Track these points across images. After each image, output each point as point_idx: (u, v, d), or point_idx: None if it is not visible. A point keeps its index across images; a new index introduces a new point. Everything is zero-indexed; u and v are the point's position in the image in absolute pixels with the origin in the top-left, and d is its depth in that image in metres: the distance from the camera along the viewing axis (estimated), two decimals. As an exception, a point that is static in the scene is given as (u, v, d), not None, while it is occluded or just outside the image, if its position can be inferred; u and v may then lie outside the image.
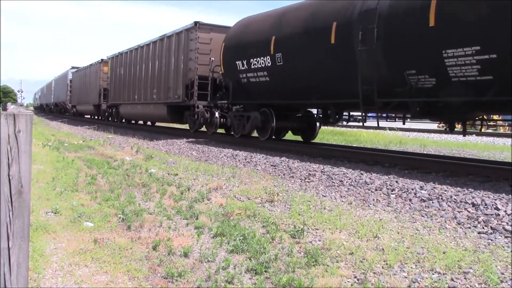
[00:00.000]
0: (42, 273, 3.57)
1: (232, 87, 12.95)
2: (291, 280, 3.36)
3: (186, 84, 16.02)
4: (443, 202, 5.46)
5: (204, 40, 15.47)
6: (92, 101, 30.52)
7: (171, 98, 17.22)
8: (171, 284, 3.50)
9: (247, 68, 11.97)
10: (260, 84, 11.74)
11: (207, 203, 5.99)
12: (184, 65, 16.19)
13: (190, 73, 15.79)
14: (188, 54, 16.02)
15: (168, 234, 4.66)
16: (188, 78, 15.92)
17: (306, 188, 6.85)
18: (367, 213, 5.26)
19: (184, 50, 16.26)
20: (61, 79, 43.81)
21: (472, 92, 7.04)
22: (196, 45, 15.44)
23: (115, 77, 25.34)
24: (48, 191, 6.65)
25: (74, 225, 4.93)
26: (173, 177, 7.96)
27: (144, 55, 20.58)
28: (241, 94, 12.79)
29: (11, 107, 74.38)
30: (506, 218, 4.69)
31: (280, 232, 4.53)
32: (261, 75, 11.54)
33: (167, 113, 17.94)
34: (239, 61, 12.30)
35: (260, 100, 12.19)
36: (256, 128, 12.58)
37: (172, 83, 17.09)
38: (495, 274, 3.33)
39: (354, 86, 8.68)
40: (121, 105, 24.43)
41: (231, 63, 12.73)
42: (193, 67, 15.58)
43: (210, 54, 15.32)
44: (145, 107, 20.62)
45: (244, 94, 12.69)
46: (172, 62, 17.26)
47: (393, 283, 3.30)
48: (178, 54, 16.76)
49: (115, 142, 15.75)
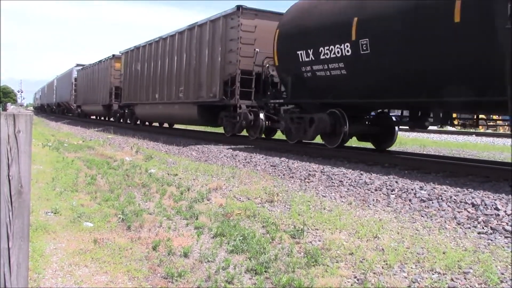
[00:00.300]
0: (42, 273, 3.57)
1: (290, 83, 10.71)
2: (291, 280, 3.36)
3: (224, 80, 13.74)
4: (443, 202, 5.46)
5: (247, 28, 13.12)
6: (101, 100, 28.00)
7: (203, 96, 14.92)
8: (171, 284, 3.50)
9: (314, 59, 9.73)
10: (332, 78, 9.43)
11: (207, 203, 5.98)
12: (222, 58, 13.85)
13: (229, 67, 13.48)
14: (227, 44, 13.67)
15: (168, 234, 4.66)
16: (227, 73, 13.65)
17: (306, 188, 6.85)
18: (367, 213, 5.26)
19: (222, 40, 13.89)
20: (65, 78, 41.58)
21: None
22: (238, 34, 13.06)
23: (130, 74, 22.60)
24: (48, 191, 6.65)
25: (74, 225, 4.93)
26: (173, 177, 7.96)
27: (168, 48, 17.95)
28: (302, 91, 10.56)
29: (11, 107, 74.36)
30: (506, 218, 4.69)
31: (280, 232, 4.53)
32: (334, 67, 9.26)
33: (197, 114, 15.52)
34: (301, 51, 10.07)
35: (330, 99, 9.75)
36: (322, 133, 10.30)
37: (206, 80, 14.79)
38: (495, 274, 3.33)
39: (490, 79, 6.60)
40: (137, 105, 21.85)
41: (289, 54, 10.53)
42: (234, 60, 13.25)
43: (255, 44, 13.05)
44: (169, 107, 18.13)
45: (305, 91, 10.47)
46: (205, 55, 14.85)
47: (393, 283, 3.30)
48: (214, 45, 14.42)
49: (114, 142, 15.75)
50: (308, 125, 10.38)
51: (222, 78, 13.81)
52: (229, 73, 13.50)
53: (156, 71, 19.12)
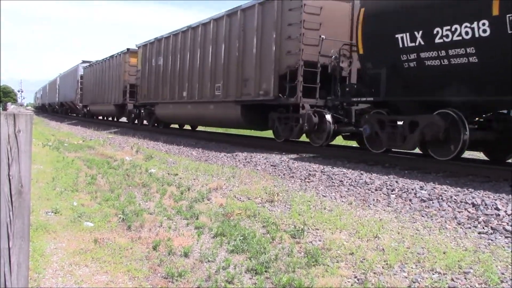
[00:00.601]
0: (43, 273, 3.57)
1: (385, 76, 8.49)
2: (291, 280, 3.36)
3: (280, 75, 11.40)
4: (443, 202, 5.45)
5: (312, 9, 10.76)
6: (113, 99, 25.37)
7: (250, 94, 12.49)
8: (171, 284, 3.50)
9: (423, 43, 7.58)
10: (451, 69, 7.31)
11: (207, 203, 5.99)
12: (277, 47, 11.46)
13: (288, 58, 11.11)
14: (284, 30, 11.26)
15: (168, 234, 4.66)
16: (284, 65, 11.28)
17: (306, 188, 6.85)
18: (367, 213, 5.26)
19: (277, 25, 11.47)
20: (69, 76, 39.07)
21: None
22: (300, 17, 10.67)
23: (149, 69, 20.01)
24: (48, 191, 6.65)
25: (74, 225, 4.93)
26: (173, 177, 7.96)
27: (199, 38, 15.51)
28: (399, 87, 8.38)
29: (11, 107, 74.37)
30: (506, 218, 4.69)
31: (280, 232, 4.53)
32: (457, 53, 7.14)
33: (240, 115, 13.05)
34: (402, 34, 7.91)
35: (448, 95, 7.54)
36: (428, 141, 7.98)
37: (253, 74, 12.31)
38: (495, 274, 3.33)
39: None
40: (157, 105, 19.34)
41: (383, 39, 8.41)
42: (295, 49, 10.84)
43: (320, 29, 10.76)
44: (200, 107, 15.64)
45: (403, 87, 8.31)
46: (253, 44, 12.39)
47: (393, 283, 3.30)
48: (264, 31, 12.04)
49: (115, 142, 15.76)
50: (409, 130, 8.15)
51: (277, 71, 11.46)
52: (287, 65, 11.15)
53: (183, 66, 16.74)
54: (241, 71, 12.99)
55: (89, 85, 31.86)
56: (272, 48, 11.58)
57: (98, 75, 29.16)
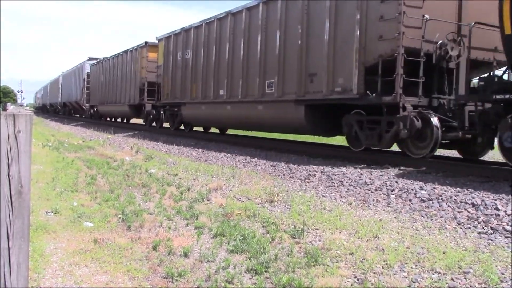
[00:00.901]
0: (42, 273, 3.57)
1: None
2: (291, 280, 3.36)
3: (366, 66, 9.07)
4: (443, 202, 5.46)
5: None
6: (127, 99, 22.72)
7: (321, 92, 10.06)
8: (171, 284, 3.50)
9: None
10: None
11: (207, 203, 5.99)
12: (362, 31, 9.10)
13: (380, 45, 8.72)
14: (372, 9, 8.88)
15: (168, 234, 4.66)
16: (373, 54, 8.92)
17: (306, 188, 6.86)
18: (367, 213, 5.26)
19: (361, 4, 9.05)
20: (74, 74, 36.16)
21: None
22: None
23: (173, 64, 17.30)
24: (48, 191, 6.65)
25: (74, 225, 4.93)
26: (173, 178, 7.97)
27: (243, 25, 12.89)
28: None
29: (11, 107, 74.36)
30: (506, 219, 4.70)
31: (280, 232, 4.53)
32: None
33: (304, 118, 10.57)
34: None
35: None
36: None
37: (327, 66, 9.89)
38: (495, 274, 3.33)
39: None
40: (184, 105, 16.67)
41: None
42: (390, 32, 8.44)
43: (423, 8, 8.47)
44: (244, 108, 13.01)
45: None
46: (323, 29, 9.97)
47: (393, 283, 3.30)
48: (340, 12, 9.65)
49: (114, 142, 15.75)
50: None
51: (363, 62, 9.11)
52: (379, 54, 8.76)
53: (220, 60, 14.17)
54: (305, 63, 10.56)
55: (97, 84, 29.06)
56: (356, 33, 9.14)
57: (109, 73, 26.40)
